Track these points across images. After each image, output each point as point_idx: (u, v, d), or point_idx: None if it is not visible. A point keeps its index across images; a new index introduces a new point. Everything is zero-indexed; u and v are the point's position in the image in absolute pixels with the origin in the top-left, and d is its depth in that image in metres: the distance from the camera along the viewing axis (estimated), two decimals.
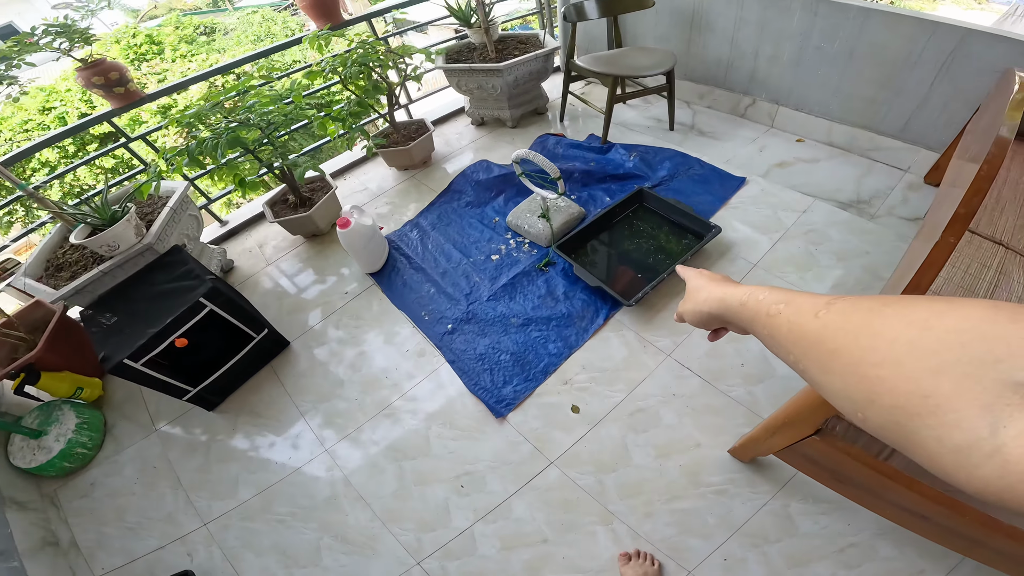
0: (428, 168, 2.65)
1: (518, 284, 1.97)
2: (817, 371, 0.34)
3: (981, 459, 0.22)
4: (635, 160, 2.38)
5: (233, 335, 1.79)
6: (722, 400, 1.58)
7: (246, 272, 2.34)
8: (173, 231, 1.98)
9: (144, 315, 1.61)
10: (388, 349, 1.89)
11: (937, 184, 2.17)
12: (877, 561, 1.25)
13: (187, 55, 7.23)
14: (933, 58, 1.98)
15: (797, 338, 0.36)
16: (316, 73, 2.26)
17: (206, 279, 1.67)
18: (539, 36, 2.85)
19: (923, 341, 0.26)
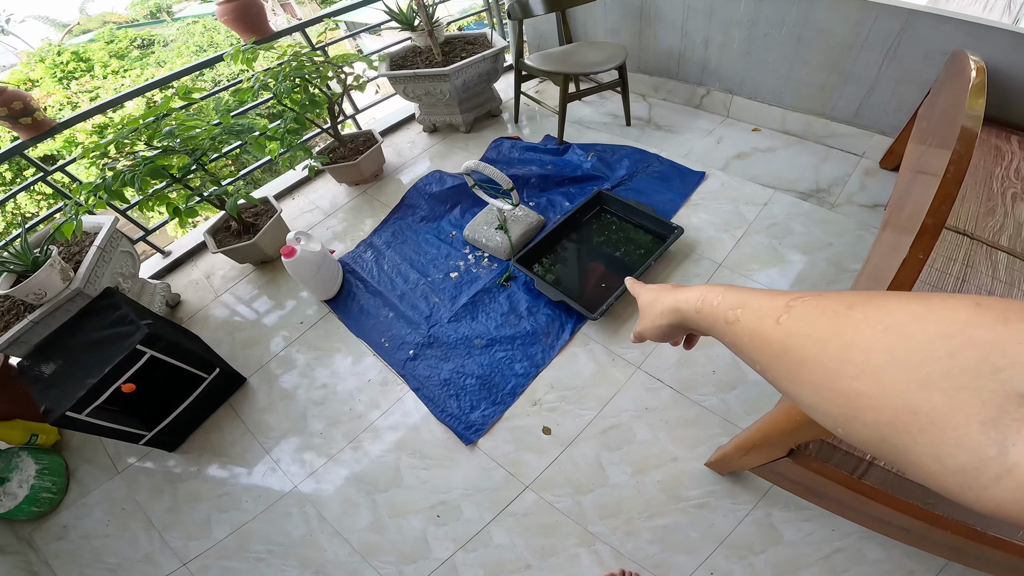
0: (380, 181, 2.50)
1: (479, 302, 1.86)
2: (787, 383, 0.31)
3: (990, 480, 0.20)
4: (593, 160, 2.28)
5: (182, 377, 1.67)
6: (696, 411, 1.52)
7: (194, 306, 2.18)
8: (104, 272, 1.82)
9: (82, 364, 1.49)
10: (350, 379, 1.79)
11: (893, 169, 2.14)
12: (865, 565, 1.22)
13: (119, 71, 6.77)
14: (879, 41, 1.93)
15: (760, 347, 0.33)
16: (245, 91, 2.07)
17: (141, 324, 1.53)
18: (487, 36, 2.70)
19: (904, 350, 0.23)
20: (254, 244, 2.10)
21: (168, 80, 2.27)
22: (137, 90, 2.17)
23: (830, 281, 1.76)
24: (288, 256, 1.83)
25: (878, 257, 1.19)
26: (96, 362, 1.47)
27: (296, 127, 2.14)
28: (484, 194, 1.91)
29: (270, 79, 2.06)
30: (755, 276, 1.81)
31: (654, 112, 2.62)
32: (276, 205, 2.22)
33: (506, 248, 1.92)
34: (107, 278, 1.82)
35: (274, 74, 2.05)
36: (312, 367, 1.85)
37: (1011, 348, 0.20)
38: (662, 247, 1.81)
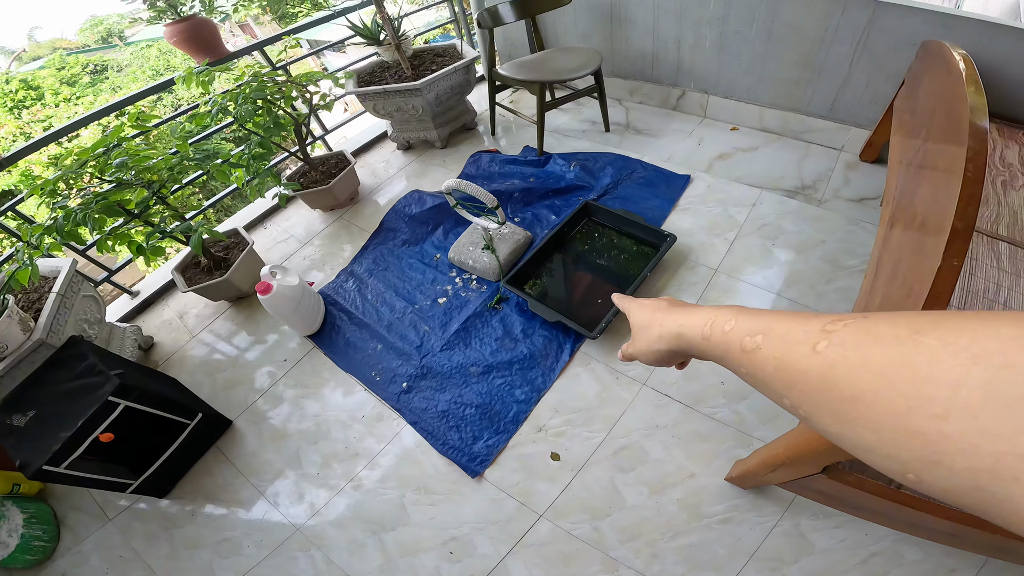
0: (356, 205, 2.36)
1: (471, 328, 1.75)
2: (831, 421, 0.26)
3: None
4: (576, 170, 2.19)
5: (163, 424, 1.54)
6: (708, 424, 1.45)
7: (169, 348, 2.02)
8: (67, 319, 1.67)
9: (54, 417, 1.39)
10: (343, 416, 1.67)
11: (873, 161, 2.12)
12: (904, 566, 1.17)
13: (71, 98, 6.41)
14: (849, 34, 1.91)
15: (792, 379, 0.28)
16: (203, 115, 1.91)
17: (111, 375, 1.40)
18: (457, 47, 2.59)
19: (1007, 384, 0.18)
20: (227, 281, 1.94)
21: (121, 105, 2.10)
22: (88, 117, 2.00)
23: (829, 279, 1.71)
24: (264, 293, 1.69)
25: (897, 259, 1.12)
26: (69, 414, 1.36)
27: (262, 152, 1.99)
28: (467, 213, 1.80)
29: (229, 102, 1.90)
30: (752, 280, 1.75)
31: (632, 116, 2.55)
32: (247, 237, 2.07)
33: (494, 269, 1.82)
34: (71, 326, 1.68)
35: (233, 96, 1.90)
36: (301, 406, 1.73)
37: None
38: (656, 257, 1.73)
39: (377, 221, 2.23)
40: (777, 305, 1.67)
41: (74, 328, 1.69)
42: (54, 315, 1.61)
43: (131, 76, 7.85)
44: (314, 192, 2.20)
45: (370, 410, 1.66)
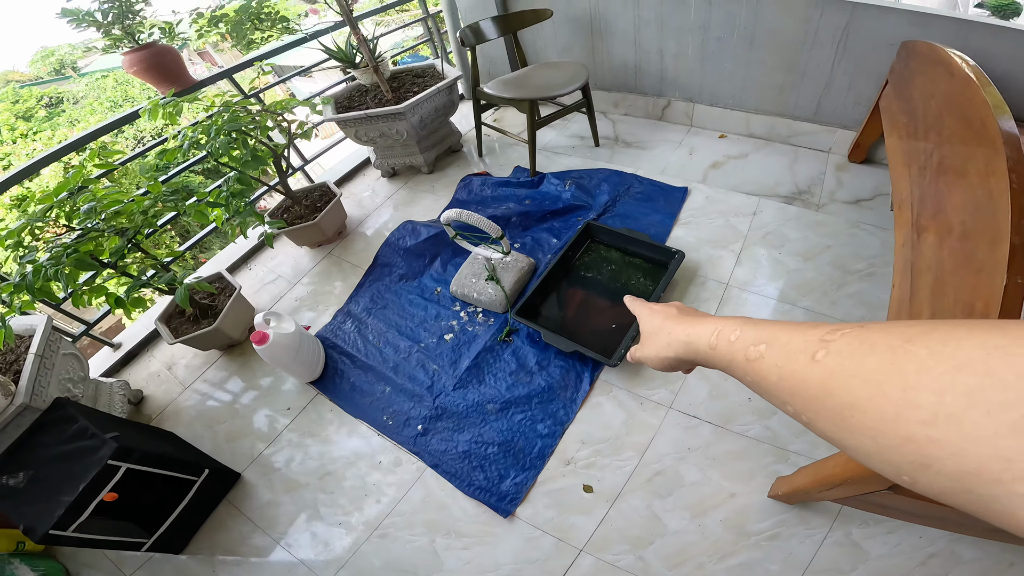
0: (345, 239, 2.23)
1: (483, 364, 1.65)
2: (831, 427, 0.26)
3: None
4: (571, 189, 2.11)
5: (170, 482, 1.43)
6: (742, 442, 1.40)
7: (161, 401, 1.86)
8: (50, 380, 1.54)
9: (52, 480, 1.28)
10: (359, 464, 1.56)
11: (861, 161, 2.10)
12: (962, 565, 1.15)
13: (28, 133, 6.00)
14: (829, 36, 1.91)
15: (793, 388, 0.29)
16: (172, 151, 1.75)
17: (107, 438, 1.30)
18: (436, 66, 2.48)
19: (989, 391, 0.19)
20: (216, 330, 1.80)
21: (84, 141, 1.92)
22: (50, 155, 1.81)
23: (840, 285, 1.69)
24: (260, 343, 1.57)
25: (938, 272, 1.07)
26: (67, 477, 1.27)
27: (241, 188, 1.84)
28: (467, 243, 1.70)
29: (201, 135, 1.75)
30: (765, 291, 1.72)
31: (619, 129, 2.50)
32: (233, 281, 1.92)
33: (501, 300, 1.72)
34: (54, 386, 1.54)
35: (205, 129, 1.75)
36: (312, 455, 1.61)
37: None
38: (666, 276, 1.66)
39: (369, 256, 2.11)
40: (794, 316, 1.62)
41: (58, 389, 1.55)
42: (35, 377, 1.48)
43: (88, 108, 7.43)
44: (300, 229, 2.06)
45: (386, 455, 1.56)
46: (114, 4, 1.85)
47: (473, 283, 1.78)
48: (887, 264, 1.71)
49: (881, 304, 1.61)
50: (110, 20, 1.86)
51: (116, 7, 1.85)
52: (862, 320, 1.55)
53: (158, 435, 1.60)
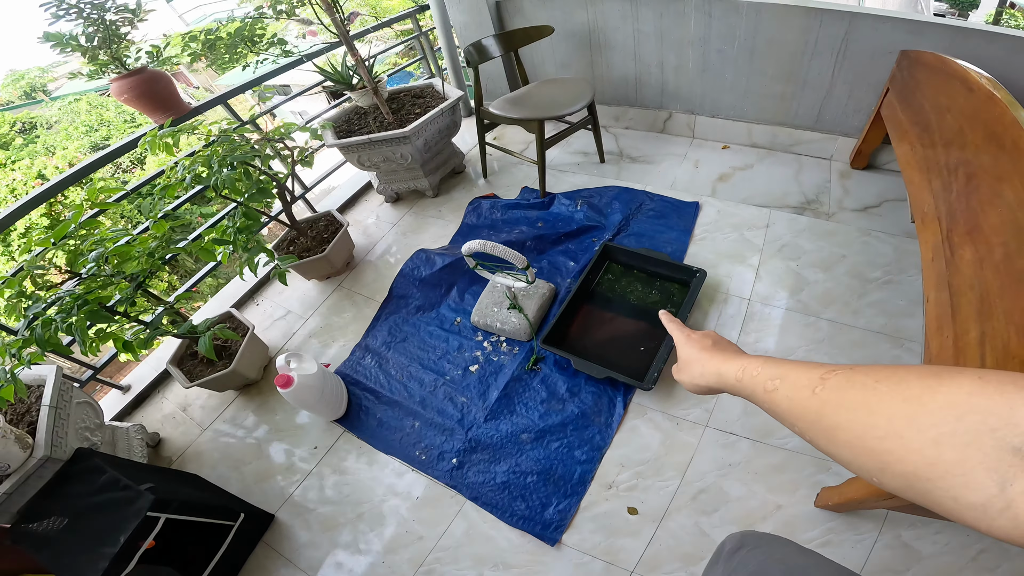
0: (354, 270, 2.15)
1: (513, 394, 1.62)
2: (824, 443, 0.36)
3: (996, 513, 0.25)
4: (583, 209, 2.08)
5: (207, 528, 1.39)
6: (782, 455, 1.40)
7: (179, 443, 1.79)
8: (67, 430, 1.47)
9: (88, 532, 1.25)
10: (395, 501, 1.51)
11: (863, 168, 2.11)
12: (1014, 558, 1.16)
13: (6, 163, 5.70)
14: (828, 46, 1.92)
15: (799, 413, 0.38)
16: (173, 187, 1.65)
17: (142, 491, 1.26)
18: (435, 86, 2.41)
19: (921, 416, 0.29)
20: (233, 372, 1.73)
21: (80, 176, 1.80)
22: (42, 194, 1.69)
23: (860, 294, 1.69)
24: (286, 387, 1.51)
25: (983, 292, 1.07)
26: (105, 529, 1.24)
27: (248, 223, 1.74)
28: (486, 272, 1.64)
29: (201, 167, 1.65)
30: (788, 304, 1.72)
31: (622, 143, 2.47)
32: (245, 320, 1.84)
33: (525, 329, 1.67)
34: (72, 436, 1.48)
35: (205, 160, 1.65)
36: (345, 493, 1.55)
37: (1004, 413, 0.26)
38: (689, 296, 1.64)
39: (380, 287, 2.05)
40: (819, 328, 1.63)
41: (76, 438, 1.49)
42: (52, 429, 1.41)
43: (64, 133, 7.12)
44: (309, 262, 1.97)
45: (423, 490, 1.52)
46: (99, 28, 1.74)
47: (495, 312, 1.72)
48: (902, 271, 1.72)
49: (901, 311, 1.62)
50: (95, 44, 1.75)
51: (101, 31, 1.74)
52: (883, 327, 1.56)
53: (185, 479, 1.56)
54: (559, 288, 1.84)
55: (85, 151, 7.01)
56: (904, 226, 1.85)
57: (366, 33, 2.46)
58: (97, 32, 1.70)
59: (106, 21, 1.72)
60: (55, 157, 6.12)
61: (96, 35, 1.71)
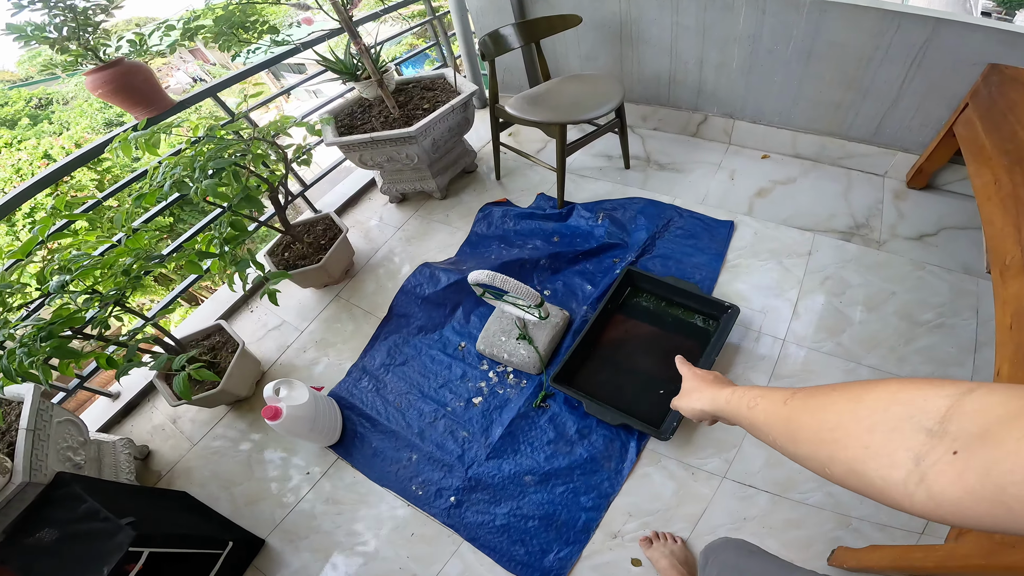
0: (353, 279, 2.04)
1: (518, 432, 1.53)
2: (788, 443, 0.44)
3: (914, 487, 0.30)
4: (605, 223, 1.94)
5: (194, 557, 1.35)
6: (801, 511, 1.31)
7: (169, 457, 1.73)
8: (47, 452, 1.42)
9: (69, 559, 1.23)
10: (389, 535, 1.45)
11: (922, 188, 1.93)
12: None
13: (12, 142, 5.64)
14: (902, 54, 1.72)
15: (773, 422, 0.46)
16: (151, 195, 1.52)
17: (122, 525, 1.22)
18: (446, 76, 2.25)
19: (859, 410, 0.37)
20: (222, 391, 1.65)
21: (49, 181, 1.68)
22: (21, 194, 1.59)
23: (908, 339, 1.54)
24: (274, 419, 1.44)
25: None
26: (87, 558, 1.22)
27: (235, 234, 1.63)
28: (495, 301, 1.52)
29: (184, 173, 1.51)
30: (826, 347, 1.57)
31: (649, 146, 2.29)
32: (235, 335, 1.75)
33: (535, 362, 1.56)
34: (53, 458, 1.43)
35: (188, 163, 1.51)
36: (338, 524, 1.50)
37: (919, 403, 0.32)
38: (717, 335, 1.51)
39: (381, 300, 1.94)
40: (859, 376, 1.50)
41: (58, 460, 1.44)
42: (30, 452, 1.37)
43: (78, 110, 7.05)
44: (305, 272, 1.86)
45: (419, 527, 1.45)
46: (67, 17, 1.59)
47: (503, 342, 1.61)
48: (956, 313, 1.57)
49: (951, 360, 1.48)
50: (64, 35, 1.60)
51: (70, 19, 1.59)
52: (930, 376, 1.41)
53: (173, 499, 1.53)
54: (574, 316, 1.71)
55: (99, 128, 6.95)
56: (963, 260, 1.69)
57: (371, 18, 2.29)
58: (66, 21, 1.56)
59: (75, 9, 1.57)
60: (62, 137, 6.03)
61: (64, 24, 1.56)
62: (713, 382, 0.65)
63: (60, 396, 1.80)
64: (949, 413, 0.30)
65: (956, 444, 0.29)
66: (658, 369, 1.54)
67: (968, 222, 1.78)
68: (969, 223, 1.78)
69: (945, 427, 0.30)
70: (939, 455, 0.29)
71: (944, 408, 0.31)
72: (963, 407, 0.30)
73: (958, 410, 0.30)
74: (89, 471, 1.52)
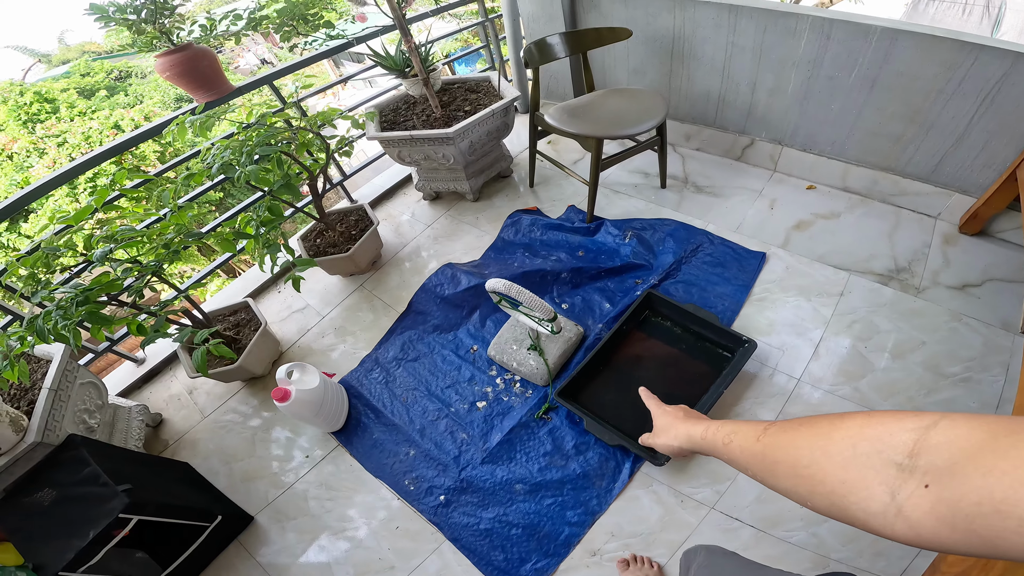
0: (379, 271, 2.19)
1: (516, 441, 1.62)
2: (768, 477, 0.48)
3: (893, 518, 0.34)
4: (632, 243, 2.00)
5: (182, 526, 1.49)
6: (781, 548, 1.35)
7: (179, 427, 1.91)
8: (64, 414, 1.57)
9: (63, 521, 1.35)
10: (375, 526, 1.57)
11: (975, 234, 1.88)
12: None
13: (86, 112, 6.23)
14: (975, 87, 1.69)
15: (748, 457, 0.51)
16: (199, 175, 1.69)
17: (119, 491, 1.34)
18: (491, 80, 2.36)
19: (829, 447, 0.40)
20: (239, 367, 1.81)
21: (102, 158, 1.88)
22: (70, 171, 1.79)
23: (929, 390, 1.55)
24: (282, 400, 1.58)
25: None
26: (78, 521, 1.33)
27: (271, 218, 1.78)
28: (510, 309, 1.61)
29: (232, 157, 1.67)
30: (841, 391, 1.59)
31: (689, 167, 2.34)
32: (259, 314, 1.92)
33: (543, 374, 1.64)
34: (69, 420, 1.57)
35: (236, 148, 1.68)
36: (328, 509, 1.62)
37: (886, 438, 0.36)
38: (729, 370, 1.54)
39: (402, 295, 2.08)
40: None
41: (72, 422, 1.59)
42: (48, 413, 1.51)
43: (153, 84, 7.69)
44: (333, 259, 2.02)
45: (405, 521, 1.56)
46: (146, 0, 1.79)
47: (514, 350, 1.70)
48: (985, 369, 1.56)
49: None
50: (143, 18, 1.80)
51: (148, 2, 1.79)
52: None
53: (172, 468, 1.66)
54: (588, 332, 1.80)
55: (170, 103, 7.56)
56: (1004, 314, 1.67)
57: (423, 17, 2.43)
58: (145, 4, 1.75)
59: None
60: (134, 110, 6.61)
61: (144, 7, 1.76)
62: (685, 418, 0.69)
63: (88, 357, 1.99)
64: (916, 448, 0.34)
65: (927, 478, 0.32)
66: (665, 395, 1.57)
67: (1016, 275, 1.75)
68: (1017, 276, 1.75)
69: (914, 462, 0.33)
70: (911, 489, 0.33)
71: (911, 443, 0.34)
72: (929, 441, 0.33)
73: (924, 444, 0.33)
74: (101, 435, 1.67)
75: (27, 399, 1.60)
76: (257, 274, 2.30)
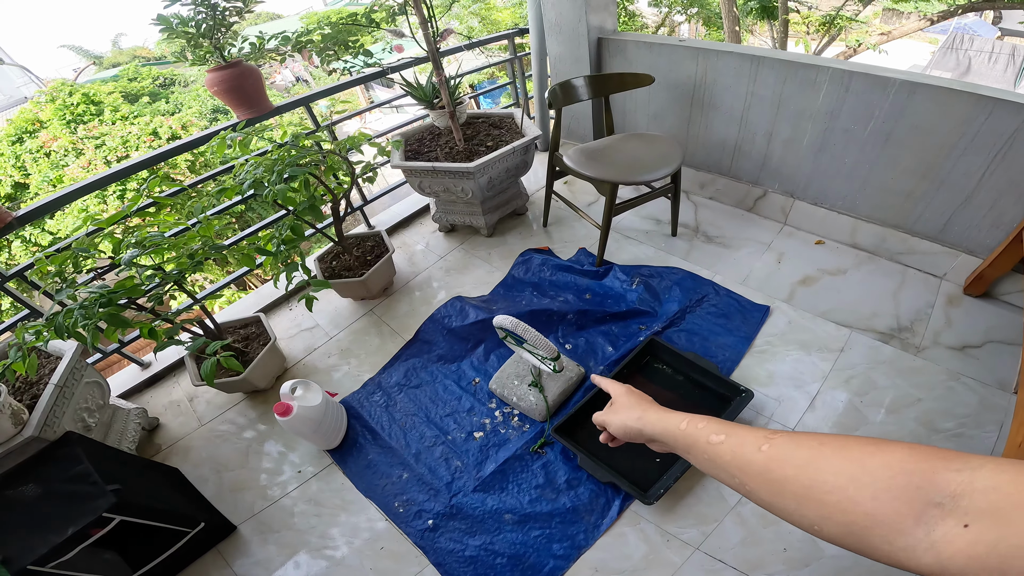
0: (389, 298, 2.36)
1: (510, 472, 1.74)
2: (766, 494, 0.47)
3: (922, 553, 0.36)
4: (639, 289, 2.15)
5: (162, 530, 1.56)
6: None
7: (175, 433, 2.06)
8: (65, 411, 1.69)
9: (42, 515, 1.41)
10: (358, 545, 1.66)
11: (979, 295, 1.98)
12: None
13: (128, 116, 6.68)
14: (987, 143, 1.77)
15: (742, 465, 0.50)
16: (231, 189, 1.88)
17: (107, 490, 1.42)
18: (515, 117, 2.55)
19: (861, 475, 0.40)
20: (244, 380, 1.96)
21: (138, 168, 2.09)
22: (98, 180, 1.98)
23: (920, 442, 1.57)
24: (284, 415, 1.72)
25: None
26: (58, 518, 1.39)
27: (293, 237, 1.95)
28: (514, 346, 1.74)
29: (264, 174, 1.85)
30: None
31: (701, 216, 2.49)
32: (269, 330, 2.08)
33: (541, 410, 1.78)
34: (68, 417, 1.69)
35: (268, 166, 1.87)
36: (313, 525, 1.73)
37: (930, 476, 0.37)
38: (726, 416, 1.66)
39: (410, 323, 2.25)
40: None
41: (72, 419, 1.70)
42: (50, 409, 1.61)
43: (193, 94, 8.18)
44: (346, 283, 2.19)
45: (390, 542, 1.66)
46: (207, 15, 2.01)
47: (515, 385, 1.84)
48: (979, 425, 1.66)
49: None
50: (202, 32, 2.02)
51: (209, 17, 2.01)
52: None
53: (162, 473, 1.74)
54: (589, 373, 1.93)
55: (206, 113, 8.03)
56: (1001, 375, 1.76)
57: (456, 51, 2.65)
58: (206, 19, 1.97)
59: (216, 8, 1.97)
60: (172, 118, 7.07)
61: (204, 21, 1.97)
62: (652, 403, 0.68)
63: (96, 357, 2.15)
64: (961, 490, 0.35)
65: (967, 518, 0.34)
66: None
67: (1017, 337, 1.85)
68: (1017, 338, 1.85)
69: (957, 502, 0.35)
70: (950, 527, 0.35)
71: (955, 484, 0.36)
72: (974, 485, 0.35)
73: (970, 487, 0.35)
74: (97, 434, 1.77)
75: (31, 393, 1.71)
76: (270, 290, 2.49)
